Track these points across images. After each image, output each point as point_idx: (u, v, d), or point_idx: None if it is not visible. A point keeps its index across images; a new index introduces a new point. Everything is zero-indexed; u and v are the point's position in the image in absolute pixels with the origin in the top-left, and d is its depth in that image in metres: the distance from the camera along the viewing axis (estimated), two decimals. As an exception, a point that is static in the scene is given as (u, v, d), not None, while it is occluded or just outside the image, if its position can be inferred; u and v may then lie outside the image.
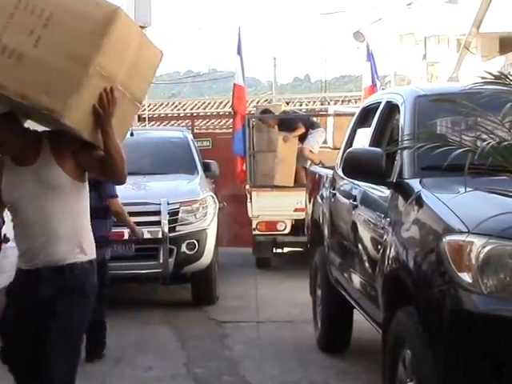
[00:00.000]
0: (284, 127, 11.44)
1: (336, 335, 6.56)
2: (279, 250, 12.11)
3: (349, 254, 5.62)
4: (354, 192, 5.52)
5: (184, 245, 8.37)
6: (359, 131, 6.29)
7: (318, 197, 6.99)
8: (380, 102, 5.78)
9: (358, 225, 5.28)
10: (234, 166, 12.26)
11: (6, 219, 4.73)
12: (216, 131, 17.76)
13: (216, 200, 9.07)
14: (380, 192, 4.87)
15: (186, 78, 37.70)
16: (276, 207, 10.99)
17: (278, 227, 11.05)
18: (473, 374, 3.46)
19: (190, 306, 8.57)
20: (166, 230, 8.22)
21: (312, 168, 8.60)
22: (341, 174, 5.88)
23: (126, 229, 8.29)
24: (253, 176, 11.69)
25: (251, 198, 11.27)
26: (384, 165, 4.61)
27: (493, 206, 3.54)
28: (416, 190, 4.24)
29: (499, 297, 3.40)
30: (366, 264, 5.01)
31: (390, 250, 4.28)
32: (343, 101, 20.14)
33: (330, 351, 6.58)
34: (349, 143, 6.34)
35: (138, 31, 3.92)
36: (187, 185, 9.06)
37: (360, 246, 5.22)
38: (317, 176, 7.43)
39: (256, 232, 11.10)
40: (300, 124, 11.43)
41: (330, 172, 6.71)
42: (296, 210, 10.58)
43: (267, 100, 20.30)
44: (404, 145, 4.48)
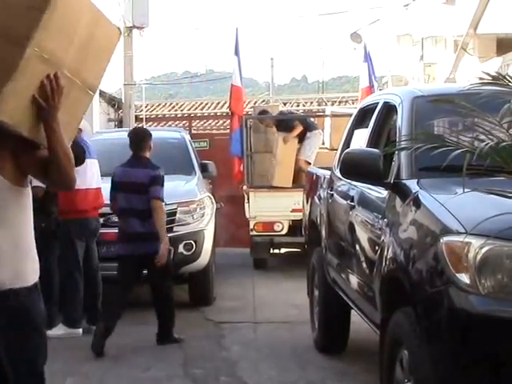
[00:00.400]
0: (282, 127, 11.45)
1: (333, 336, 6.56)
2: (276, 251, 12.13)
3: (346, 255, 5.62)
4: (352, 193, 5.53)
5: (181, 245, 8.37)
6: (357, 132, 6.30)
7: (316, 197, 7.00)
8: (377, 103, 5.78)
9: (356, 226, 5.29)
10: (232, 167, 12.27)
11: None
12: (213, 132, 17.77)
13: (213, 201, 9.08)
14: (377, 193, 4.87)
15: (184, 79, 37.65)
16: (273, 208, 11.00)
17: (276, 228, 11.06)
18: (471, 375, 3.46)
19: (188, 307, 8.56)
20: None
21: (310, 169, 8.61)
22: (338, 175, 5.89)
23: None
24: (250, 177, 11.70)
25: (248, 199, 11.27)
26: (381, 166, 4.61)
27: (491, 207, 3.55)
28: (413, 191, 4.25)
29: (497, 297, 3.40)
30: (364, 265, 5.01)
31: (388, 251, 4.28)
32: (340, 102, 20.14)
33: (328, 352, 6.58)
34: (346, 144, 6.34)
35: (90, 4, 3.25)
36: (184, 185, 9.05)
37: (357, 247, 5.22)
38: (314, 177, 7.44)
39: (253, 233, 11.11)
40: (297, 122, 11.46)
41: (328, 173, 6.71)
42: (293, 211, 10.59)
43: (264, 101, 20.29)
44: (401, 146, 4.48)
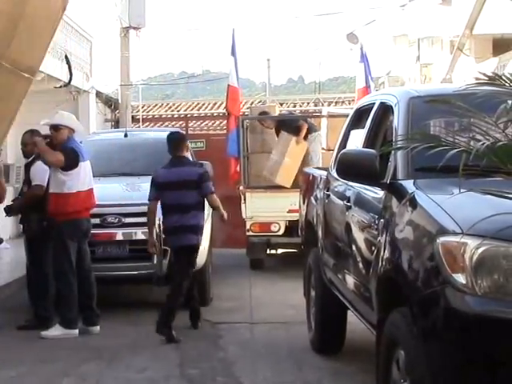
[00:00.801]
0: (285, 127, 11.47)
1: (330, 336, 6.56)
2: (273, 251, 12.12)
3: (343, 255, 5.62)
4: (348, 193, 5.52)
5: (178, 246, 8.34)
6: (353, 132, 6.30)
7: (312, 198, 7.00)
8: (374, 104, 5.78)
9: (352, 226, 5.28)
10: (228, 167, 12.27)
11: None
12: (210, 132, 17.78)
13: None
14: (374, 193, 4.87)
15: (180, 79, 37.63)
16: (270, 208, 11.00)
17: (272, 228, 11.06)
18: (467, 375, 3.46)
19: (184, 307, 8.55)
20: (160, 231, 8.20)
21: (306, 169, 8.61)
22: (335, 175, 5.89)
23: (120, 229, 8.31)
24: (247, 177, 11.70)
25: (245, 199, 11.27)
26: (378, 166, 4.61)
27: (487, 207, 3.55)
28: (410, 191, 4.25)
29: (493, 298, 3.40)
30: (360, 265, 5.01)
31: (384, 251, 4.28)
32: (337, 102, 20.16)
33: (324, 352, 6.58)
34: (343, 144, 6.34)
35: None
36: (181, 186, 9.04)
37: (354, 247, 5.22)
38: (311, 177, 7.44)
39: (250, 233, 11.11)
40: (302, 122, 11.51)
41: (324, 173, 6.71)
42: (290, 211, 10.59)
43: (261, 101, 20.29)
44: (398, 145, 4.48)
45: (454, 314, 3.44)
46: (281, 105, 19.14)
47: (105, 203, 8.33)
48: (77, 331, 7.44)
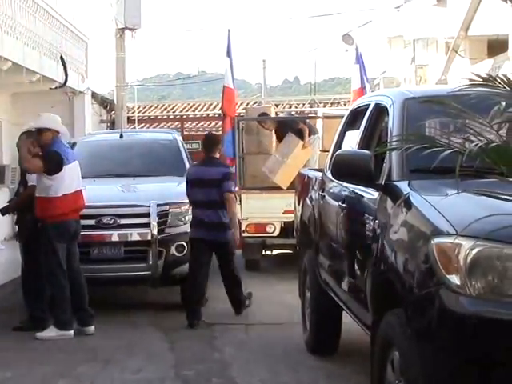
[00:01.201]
0: (286, 128, 11.48)
1: (325, 337, 6.56)
2: (268, 252, 12.12)
3: (337, 256, 5.63)
4: (343, 194, 5.53)
5: (173, 247, 8.36)
6: (348, 133, 6.30)
7: (307, 199, 7.00)
8: (369, 105, 5.79)
9: (347, 227, 5.29)
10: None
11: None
12: (205, 133, 17.75)
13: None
14: (369, 194, 4.87)
15: (176, 80, 37.66)
16: (265, 209, 11.00)
17: (268, 229, 11.05)
18: (461, 376, 3.47)
19: (179, 308, 8.55)
20: (156, 232, 8.21)
21: (301, 170, 8.61)
22: (330, 177, 5.89)
23: (115, 231, 8.30)
24: (242, 178, 11.70)
25: (240, 200, 11.26)
26: (373, 167, 4.62)
27: (481, 208, 3.56)
28: (405, 193, 4.25)
29: (487, 299, 3.41)
30: (355, 266, 5.01)
31: (379, 253, 4.28)
32: (332, 103, 20.19)
33: (319, 353, 6.58)
34: (338, 145, 6.35)
35: None
36: (177, 187, 9.05)
37: (349, 249, 5.22)
38: (306, 178, 7.44)
39: (245, 234, 11.10)
40: (303, 125, 11.55)
41: (319, 174, 6.72)
42: (285, 213, 10.59)
43: (256, 102, 20.32)
44: (392, 146, 4.49)
45: (449, 315, 3.45)
46: (276, 106, 19.17)
47: (100, 204, 8.32)
48: (72, 332, 7.43)
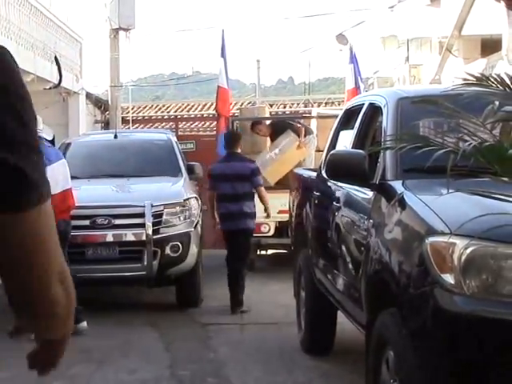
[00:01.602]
0: (280, 133, 11.50)
1: (320, 337, 6.57)
2: (263, 252, 12.13)
3: (332, 256, 5.64)
4: (338, 194, 5.54)
5: (168, 247, 8.36)
6: (342, 133, 6.31)
7: (302, 199, 7.01)
8: (363, 104, 5.80)
9: (341, 227, 5.30)
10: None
11: None
12: (200, 133, 17.77)
13: (200, 202, 9.08)
14: (363, 194, 4.89)
15: (170, 81, 37.63)
16: (260, 209, 11.00)
17: (262, 229, 11.05)
18: (456, 375, 3.48)
19: (175, 309, 8.56)
20: (150, 233, 8.21)
21: (296, 170, 8.62)
22: (324, 176, 5.90)
23: (110, 231, 8.30)
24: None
25: (235, 200, 11.25)
26: (367, 167, 4.63)
27: (475, 208, 3.57)
28: (399, 192, 4.26)
29: (481, 298, 3.42)
30: (350, 266, 5.03)
31: (373, 252, 4.29)
32: (326, 103, 20.19)
33: (314, 353, 6.59)
34: (332, 145, 6.36)
35: None
36: (171, 187, 9.05)
37: (343, 248, 5.23)
38: (300, 178, 7.45)
39: (240, 234, 11.09)
40: (296, 125, 11.60)
41: (314, 174, 6.73)
42: (280, 212, 10.58)
43: (251, 102, 20.30)
44: (386, 146, 4.50)
45: (443, 314, 3.46)
46: (271, 106, 19.16)
47: (94, 205, 8.32)
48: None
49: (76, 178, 7.75)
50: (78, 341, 7.34)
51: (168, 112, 21.59)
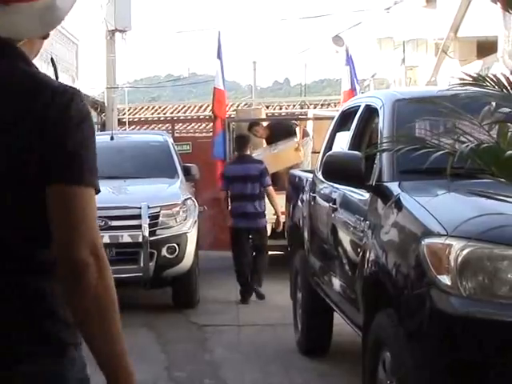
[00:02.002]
0: (279, 136, 11.51)
1: (316, 338, 6.57)
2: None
3: (329, 258, 5.64)
4: (334, 195, 5.55)
5: (164, 249, 8.36)
6: (338, 135, 6.32)
7: (298, 200, 7.01)
8: (359, 106, 5.80)
9: (338, 228, 5.31)
10: (214, 170, 12.26)
11: None
12: (196, 135, 17.77)
13: (196, 204, 9.08)
14: (359, 195, 4.89)
15: (166, 82, 37.62)
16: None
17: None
18: (452, 376, 3.48)
19: (171, 310, 8.56)
20: (147, 234, 8.21)
21: (292, 171, 8.62)
22: (320, 178, 5.91)
23: (106, 233, 8.29)
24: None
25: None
26: (363, 168, 4.63)
27: (471, 209, 3.58)
28: (395, 193, 4.27)
29: (478, 299, 3.43)
30: (346, 267, 5.03)
31: (370, 253, 4.30)
32: (322, 104, 20.21)
33: (311, 354, 6.59)
34: (328, 147, 6.36)
35: None
36: (167, 188, 9.05)
37: (340, 250, 5.24)
38: (297, 179, 7.46)
39: (236, 235, 11.07)
40: (294, 128, 11.64)
41: (310, 175, 6.73)
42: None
43: (247, 104, 20.32)
44: (383, 148, 4.51)
45: (439, 316, 3.47)
46: (267, 107, 19.16)
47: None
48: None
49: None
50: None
51: (164, 113, 21.58)
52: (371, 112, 5.44)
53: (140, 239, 8.21)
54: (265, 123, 12.18)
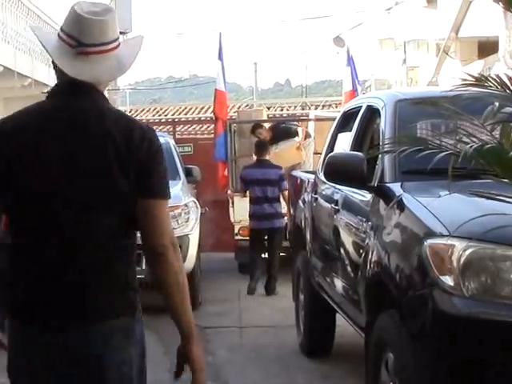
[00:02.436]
0: (281, 138, 11.51)
1: (319, 339, 6.57)
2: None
3: (331, 259, 5.63)
4: (336, 196, 5.54)
5: (166, 250, 8.34)
6: (340, 136, 6.31)
7: (300, 201, 7.01)
8: (361, 107, 5.80)
9: (340, 229, 5.30)
10: (216, 172, 12.26)
11: None
12: (197, 136, 17.76)
13: (198, 205, 9.07)
14: (361, 196, 4.88)
15: (167, 84, 37.65)
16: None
17: (260, 232, 11.03)
18: (455, 377, 3.47)
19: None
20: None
21: (294, 172, 8.62)
22: (322, 179, 5.90)
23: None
24: (234, 181, 11.69)
25: (233, 203, 11.26)
26: (365, 169, 4.62)
27: (473, 209, 3.57)
28: (397, 194, 4.26)
29: (480, 299, 3.42)
30: (348, 268, 5.02)
31: (372, 254, 4.29)
32: (324, 105, 20.22)
33: (314, 355, 6.58)
34: (330, 148, 6.35)
35: None
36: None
37: (342, 251, 5.23)
38: (299, 180, 7.45)
39: (238, 237, 11.09)
40: (293, 129, 11.62)
41: (312, 176, 6.72)
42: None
43: (248, 105, 20.32)
44: (385, 149, 4.50)
45: (442, 316, 3.46)
46: (268, 108, 19.17)
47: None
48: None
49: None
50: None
51: (165, 115, 21.60)
52: (373, 113, 5.43)
53: (141, 241, 8.19)
54: (267, 125, 12.17)
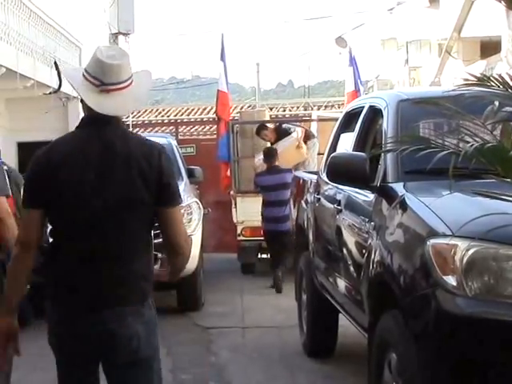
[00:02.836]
0: (282, 134, 11.52)
1: (322, 340, 6.57)
2: (264, 256, 12.11)
3: (334, 259, 5.63)
4: (339, 196, 5.53)
5: (169, 251, 8.34)
6: (343, 136, 6.31)
7: (303, 202, 7.00)
8: (363, 107, 5.79)
9: (343, 229, 5.29)
10: (219, 172, 12.26)
11: None
12: (200, 137, 17.76)
13: (201, 206, 9.07)
14: (364, 196, 4.88)
15: (170, 85, 37.69)
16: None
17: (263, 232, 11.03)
18: (458, 377, 3.47)
19: (176, 312, 8.55)
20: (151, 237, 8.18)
21: (296, 173, 8.62)
22: (325, 179, 5.90)
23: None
24: (237, 182, 11.70)
25: (236, 204, 11.27)
26: (368, 169, 4.62)
27: (476, 209, 3.56)
28: (400, 194, 4.26)
29: (484, 299, 3.41)
30: (351, 268, 5.02)
31: (375, 254, 4.28)
32: (326, 106, 20.22)
33: (316, 356, 6.58)
34: (332, 148, 6.35)
35: None
36: (171, 191, 9.03)
37: (345, 251, 5.22)
38: (301, 181, 7.45)
39: (241, 237, 11.11)
40: (295, 128, 11.64)
41: (314, 177, 6.72)
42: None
43: (251, 106, 20.32)
44: (387, 148, 4.49)
45: (445, 316, 3.45)
46: (270, 109, 19.18)
47: None
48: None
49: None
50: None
51: (168, 116, 21.61)
52: (375, 113, 5.43)
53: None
54: (271, 126, 12.17)
